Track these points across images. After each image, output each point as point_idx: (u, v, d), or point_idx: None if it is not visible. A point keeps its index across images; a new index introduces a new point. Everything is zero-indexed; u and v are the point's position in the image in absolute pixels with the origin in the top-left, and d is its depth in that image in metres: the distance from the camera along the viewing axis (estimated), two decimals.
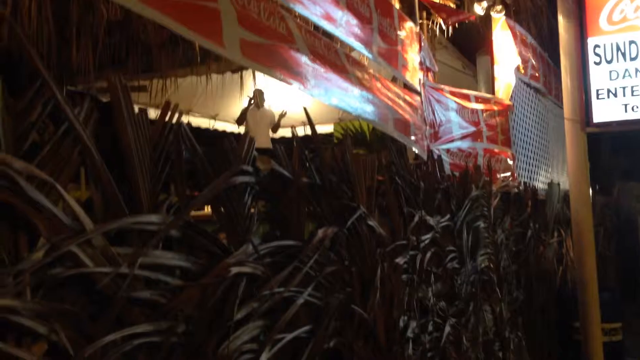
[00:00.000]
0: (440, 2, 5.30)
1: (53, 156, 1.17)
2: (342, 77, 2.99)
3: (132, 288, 1.31)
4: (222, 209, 1.69)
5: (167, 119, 1.50)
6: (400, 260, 2.73)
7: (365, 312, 2.34)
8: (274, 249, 1.86)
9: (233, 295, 1.59)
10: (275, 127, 6.37)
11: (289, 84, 2.54)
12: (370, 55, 3.40)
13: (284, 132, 7.46)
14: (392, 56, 3.64)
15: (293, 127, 2.26)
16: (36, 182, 1.10)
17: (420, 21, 4.78)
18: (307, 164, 2.14)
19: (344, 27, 3.08)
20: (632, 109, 4.73)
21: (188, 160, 1.57)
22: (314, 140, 2.30)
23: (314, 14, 2.82)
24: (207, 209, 2.23)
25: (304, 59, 2.66)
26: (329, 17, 2.95)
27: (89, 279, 1.22)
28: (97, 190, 1.28)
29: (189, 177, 1.57)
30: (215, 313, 1.54)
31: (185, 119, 1.58)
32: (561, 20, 4.99)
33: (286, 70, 2.49)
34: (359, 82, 3.15)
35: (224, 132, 8.38)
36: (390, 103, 3.49)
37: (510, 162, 5.49)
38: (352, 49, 3.50)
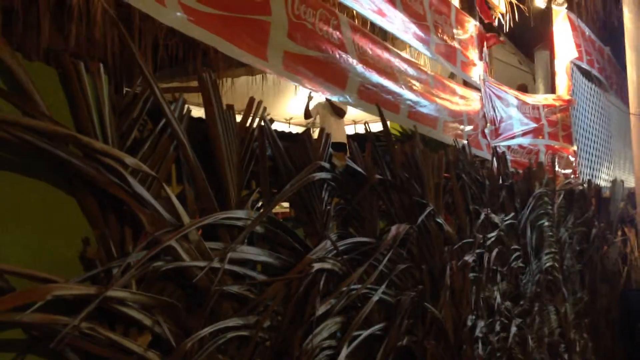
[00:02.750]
0: None
1: (152, 152, 1.20)
2: (390, 83, 2.90)
3: (223, 282, 1.33)
4: (301, 205, 1.70)
5: (251, 116, 1.52)
6: (468, 258, 2.69)
7: (436, 310, 2.31)
8: (349, 245, 1.86)
9: (315, 291, 1.60)
10: (342, 112, 6.14)
11: (330, 96, 2.49)
12: (428, 53, 3.36)
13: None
14: (450, 53, 3.59)
15: (366, 122, 2.24)
16: (138, 177, 1.13)
17: (479, 16, 4.69)
18: (380, 161, 2.13)
19: (400, 25, 3.02)
20: None
21: (271, 158, 1.59)
22: (385, 136, 2.28)
23: (370, 11, 2.77)
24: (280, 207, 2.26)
25: (351, 69, 2.58)
26: (384, 15, 2.90)
27: (184, 273, 1.24)
28: (189, 185, 1.31)
29: (273, 174, 1.58)
30: (298, 308, 1.55)
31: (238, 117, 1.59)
32: (626, 12, 4.84)
33: (329, 82, 2.42)
34: (409, 88, 3.06)
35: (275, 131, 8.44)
36: (442, 105, 3.42)
37: (572, 159, 5.34)
38: (408, 45, 3.46)
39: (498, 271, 3.13)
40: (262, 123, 1.55)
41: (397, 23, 2.93)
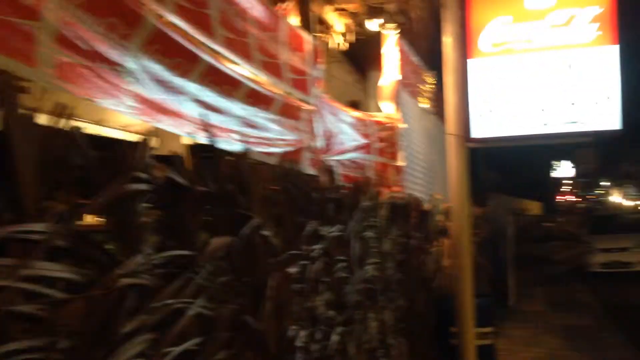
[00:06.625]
0: (336, 16, 5.45)
1: None
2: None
3: (12, 301, 1.22)
4: (113, 218, 1.62)
5: (57, 122, 1.42)
6: (292, 269, 2.76)
7: (257, 322, 2.33)
8: (167, 259, 1.82)
9: (121, 308, 1.53)
10: None
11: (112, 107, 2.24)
12: (249, 68, 3.23)
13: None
14: (275, 69, 3.57)
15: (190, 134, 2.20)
16: None
17: (316, 34, 4.87)
18: (204, 173, 2.11)
19: (221, 40, 2.86)
20: (508, 127, 5.15)
21: (80, 166, 1.49)
22: (211, 149, 2.26)
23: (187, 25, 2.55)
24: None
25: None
26: (203, 28, 2.70)
27: None
28: None
29: (81, 184, 1.49)
30: (101, 327, 1.47)
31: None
32: (446, 40, 5.30)
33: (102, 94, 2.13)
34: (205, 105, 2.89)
35: (111, 138, 7.99)
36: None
37: (398, 175, 5.73)
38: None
39: (323, 281, 3.25)
40: (70, 129, 1.45)
41: (218, 38, 2.78)
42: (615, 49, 4.82)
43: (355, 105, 6.73)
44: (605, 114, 4.83)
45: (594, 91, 4.85)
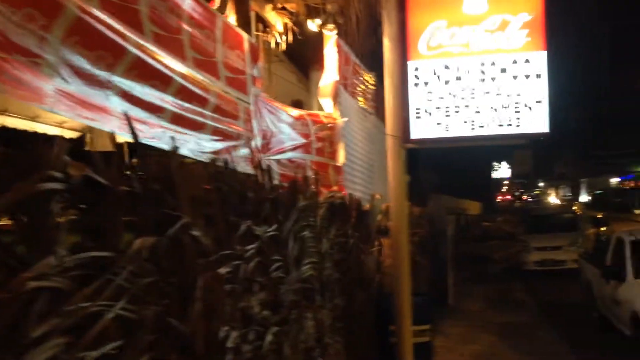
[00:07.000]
0: (276, 15, 5.42)
1: None
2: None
3: None
4: (24, 218, 1.55)
5: None
6: (223, 270, 2.71)
7: (184, 324, 2.29)
8: (84, 260, 1.75)
9: (30, 312, 1.46)
10: None
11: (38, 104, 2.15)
12: (182, 65, 3.15)
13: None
14: (212, 67, 3.52)
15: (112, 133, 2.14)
16: None
17: (256, 33, 4.83)
18: (128, 172, 2.05)
19: (151, 36, 2.79)
20: (445, 128, 5.25)
21: None
22: (138, 147, 2.20)
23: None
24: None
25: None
26: (132, 23, 2.60)
27: None
28: None
29: None
30: (8, 331, 1.40)
31: None
32: (386, 42, 5.37)
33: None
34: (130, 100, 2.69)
35: (44, 134, 7.67)
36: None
37: (338, 175, 5.76)
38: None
39: (257, 282, 3.22)
40: None
41: (147, 34, 2.70)
42: (544, 54, 5.00)
43: (298, 104, 6.73)
44: (536, 118, 5.00)
45: (525, 95, 5.02)
